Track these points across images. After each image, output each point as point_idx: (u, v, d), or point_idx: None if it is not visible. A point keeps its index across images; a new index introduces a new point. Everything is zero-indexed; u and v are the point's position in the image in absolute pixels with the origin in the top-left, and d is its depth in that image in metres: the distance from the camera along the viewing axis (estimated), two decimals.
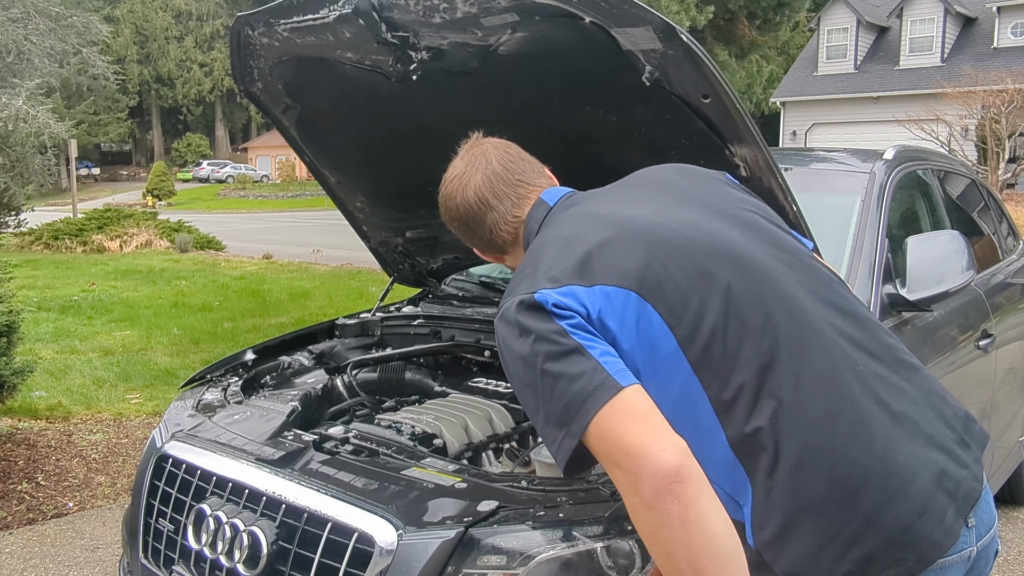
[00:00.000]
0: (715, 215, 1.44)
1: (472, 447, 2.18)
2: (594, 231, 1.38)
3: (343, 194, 2.88)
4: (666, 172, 1.61)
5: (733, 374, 1.27)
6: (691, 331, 1.28)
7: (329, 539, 1.67)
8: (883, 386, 1.31)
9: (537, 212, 1.55)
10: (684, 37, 1.70)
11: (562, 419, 1.23)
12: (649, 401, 1.22)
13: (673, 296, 1.30)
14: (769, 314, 1.30)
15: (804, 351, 1.29)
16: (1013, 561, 3.47)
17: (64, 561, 3.49)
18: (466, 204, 1.58)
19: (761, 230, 1.45)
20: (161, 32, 53.30)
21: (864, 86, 26.64)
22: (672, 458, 1.15)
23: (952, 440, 1.33)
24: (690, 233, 1.38)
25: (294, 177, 40.51)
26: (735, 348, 1.28)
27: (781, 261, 1.40)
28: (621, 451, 1.18)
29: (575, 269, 1.32)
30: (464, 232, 1.64)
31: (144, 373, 6.46)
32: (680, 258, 1.33)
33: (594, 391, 1.20)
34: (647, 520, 1.17)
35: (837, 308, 1.37)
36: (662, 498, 1.14)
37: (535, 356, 1.26)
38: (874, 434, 1.26)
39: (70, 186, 25.01)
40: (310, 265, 13.62)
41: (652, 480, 1.14)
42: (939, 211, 3.25)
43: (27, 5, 10.18)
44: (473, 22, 1.90)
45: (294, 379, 2.70)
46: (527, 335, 1.27)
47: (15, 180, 10.27)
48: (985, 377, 3.07)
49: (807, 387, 1.27)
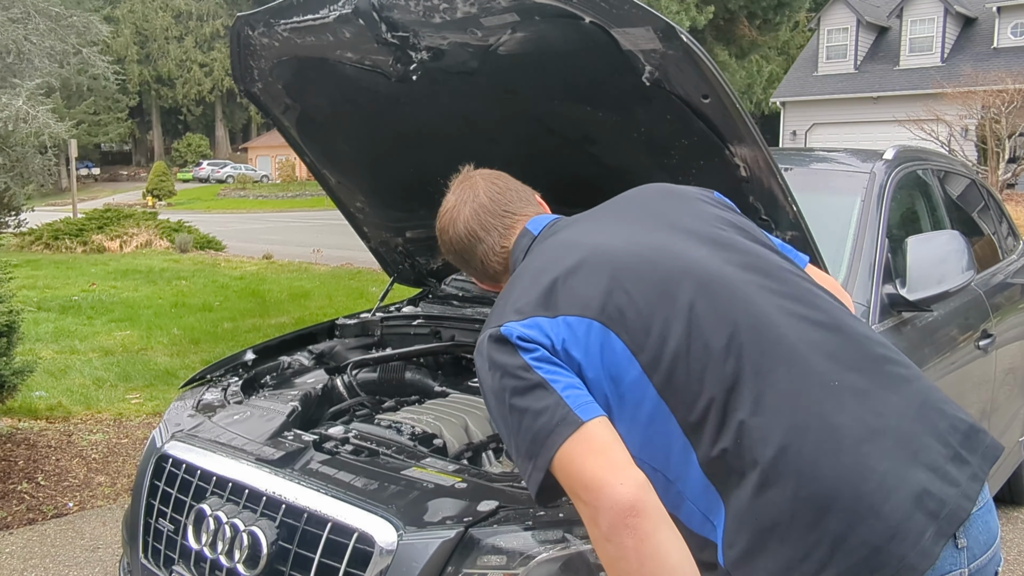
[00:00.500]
0: (685, 235, 1.45)
1: (472, 447, 2.18)
2: (562, 259, 1.41)
3: (343, 194, 2.88)
4: (648, 193, 1.62)
5: (699, 397, 1.27)
6: (654, 356, 1.29)
7: (329, 539, 1.67)
8: (862, 402, 1.27)
9: (522, 242, 1.59)
10: (684, 37, 1.70)
11: (529, 453, 1.28)
12: (611, 434, 1.25)
13: (635, 323, 1.31)
14: (733, 334, 1.29)
15: (769, 370, 1.27)
16: (1013, 561, 3.47)
17: (64, 561, 3.49)
18: (457, 237, 1.64)
19: (733, 248, 1.44)
20: (161, 32, 53.30)
21: (864, 86, 26.64)
22: (628, 492, 1.18)
23: (943, 456, 1.27)
24: (655, 256, 1.39)
25: (294, 177, 40.52)
26: (699, 371, 1.28)
27: (753, 278, 1.38)
28: (581, 484, 1.22)
29: (539, 300, 1.35)
30: (460, 263, 1.71)
31: (144, 373, 6.46)
32: (643, 282, 1.35)
33: (556, 426, 1.24)
34: (605, 552, 1.21)
35: (814, 322, 1.35)
36: (618, 532, 1.18)
37: (503, 391, 1.30)
38: (843, 452, 1.22)
39: (70, 186, 25.01)
40: (310, 265, 13.62)
41: (608, 514, 1.18)
42: (939, 211, 3.25)
43: (27, 5, 10.18)
44: (473, 22, 1.90)
45: (294, 379, 2.70)
46: (495, 370, 1.32)
47: (15, 180, 10.26)
48: (985, 377, 3.06)
49: (771, 406, 1.25)
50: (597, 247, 1.42)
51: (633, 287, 1.34)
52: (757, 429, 1.24)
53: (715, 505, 1.27)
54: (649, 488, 1.21)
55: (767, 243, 1.53)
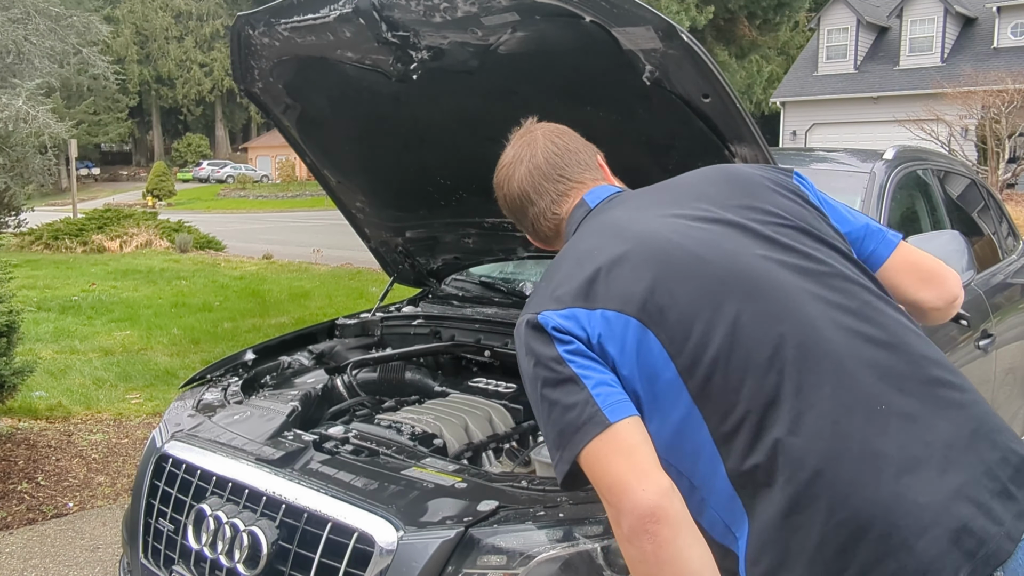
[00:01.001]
0: (741, 232, 1.36)
1: (472, 447, 2.18)
2: (608, 247, 1.36)
3: (343, 194, 2.88)
4: (712, 177, 1.52)
5: (734, 408, 1.22)
6: (692, 361, 1.25)
7: (329, 539, 1.67)
8: (909, 428, 1.20)
9: (577, 214, 1.53)
10: (684, 36, 1.70)
11: (557, 444, 1.27)
12: (639, 436, 1.23)
13: (676, 324, 1.27)
14: (778, 347, 1.23)
15: (812, 388, 1.21)
16: None
17: (64, 561, 3.49)
18: (512, 196, 1.60)
19: (792, 249, 1.35)
20: (161, 32, 53.30)
21: (864, 86, 26.64)
22: (650, 499, 1.17)
23: (989, 491, 1.19)
24: (705, 253, 1.32)
25: (294, 177, 40.52)
26: (737, 381, 1.23)
27: (808, 286, 1.30)
28: (605, 485, 1.22)
29: (580, 290, 1.32)
30: (514, 219, 1.66)
31: (144, 373, 6.46)
32: (688, 282, 1.29)
33: (584, 425, 1.23)
34: (627, 552, 1.21)
35: (868, 338, 1.27)
36: (638, 536, 1.17)
37: (536, 379, 1.30)
38: (882, 481, 1.16)
39: (70, 186, 25.00)
40: (310, 265, 13.62)
41: (629, 518, 1.18)
42: (939, 211, 3.25)
43: (27, 5, 10.18)
44: (473, 21, 1.90)
45: (294, 379, 2.70)
46: (531, 356, 1.31)
47: (15, 180, 10.27)
48: (985, 377, 3.06)
49: (810, 427, 1.19)
50: (646, 237, 1.36)
51: (677, 286, 1.29)
52: (794, 449, 1.18)
53: (739, 518, 1.23)
54: (673, 494, 1.19)
55: (835, 241, 1.42)
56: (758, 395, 1.22)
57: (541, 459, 1.99)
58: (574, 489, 1.33)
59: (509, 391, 2.49)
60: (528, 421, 2.37)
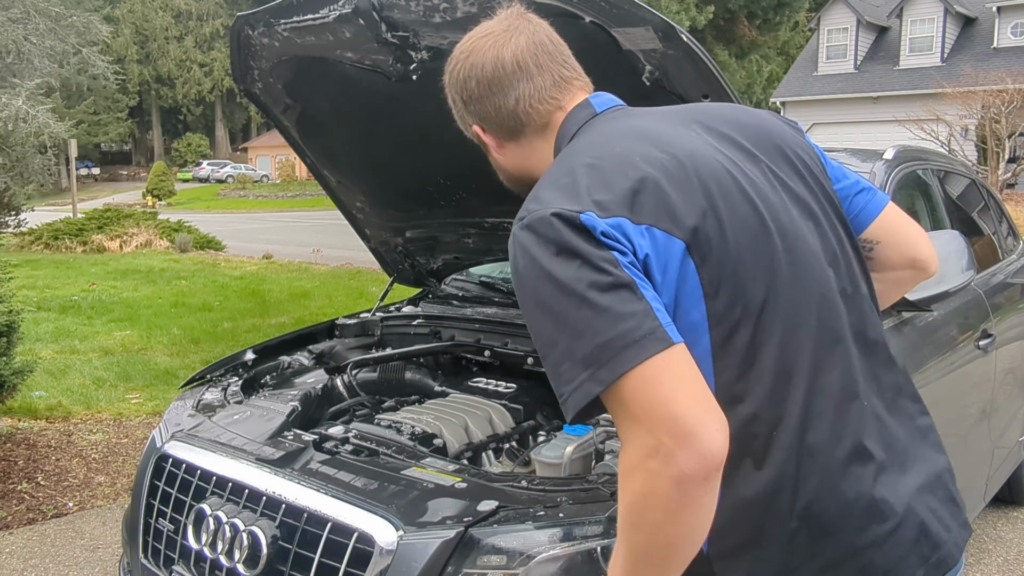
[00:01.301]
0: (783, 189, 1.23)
1: (472, 447, 2.18)
2: (653, 156, 1.15)
3: (343, 194, 2.88)
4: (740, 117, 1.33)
5: (750, 370, 1.12)
6: (725, 308, 1.11)
7: (329, 539, 1.67)
8: (880, 428, 1.19)
9: (581, 114, 1.30)
10: (684, 37, 1.70)
11: (590, 360, 1.02)
12: (697, 368, 1.04)
13: (720, 262, 1.11)
14: (807, 323, 1.15)
15: (825, 371, 1.16)
16: (1013, 561, 3.47)
17: (64, 561, 3.49)
18: (498, 63, 1.29)
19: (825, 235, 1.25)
20: (161, 32, 53.32)
21: (864, 86, 26.64)
22: (722, 442, 0.99)
23: (941, 498, 1.19)
24: (755, 196, 1.17)
25: (294, 177, 40.53)
26: (758, 343, 1.12)
27: (833, 276, 1.22)
28: (662, 415, 0.98)
29: (625, 200, 1.10)
30: (470, 99, 1.32)
31: (144, 373, 6.46)
32: (737, 222, 1.13)
33: (643, 338, 1.01)
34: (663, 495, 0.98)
35: (862, 336, 1.23)
36: (696, 484, 0.97)
37: (578, 281, 1.04)
38: (865, 477, 1.14)
39: (70, 186, 25.01)
40: (310, 265, 13.62)
41: (693, 461, 0.97)
42: (939, 211, 3.25)
43: (27, 5, 10.18)
44: (473, 22, 1.89)
45: (294, 379, 2.71)
46: (571, 257, 1.05)
47: (15, 180, 10.27)
48: (985, 377, 3.06)
49: (816, 410, 1.14)
50: (696, 156, 1.17)
51: (729, 221, 1.13)
52: (794, 430, 1.13)
53: None
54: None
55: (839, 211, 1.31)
56: (779, 366, 1.13)
57: (541, 459, 2.00)
58: (582, 421, 1.09)
59: (509, 391, 2.49)
60: (528, 421, 2.37)
